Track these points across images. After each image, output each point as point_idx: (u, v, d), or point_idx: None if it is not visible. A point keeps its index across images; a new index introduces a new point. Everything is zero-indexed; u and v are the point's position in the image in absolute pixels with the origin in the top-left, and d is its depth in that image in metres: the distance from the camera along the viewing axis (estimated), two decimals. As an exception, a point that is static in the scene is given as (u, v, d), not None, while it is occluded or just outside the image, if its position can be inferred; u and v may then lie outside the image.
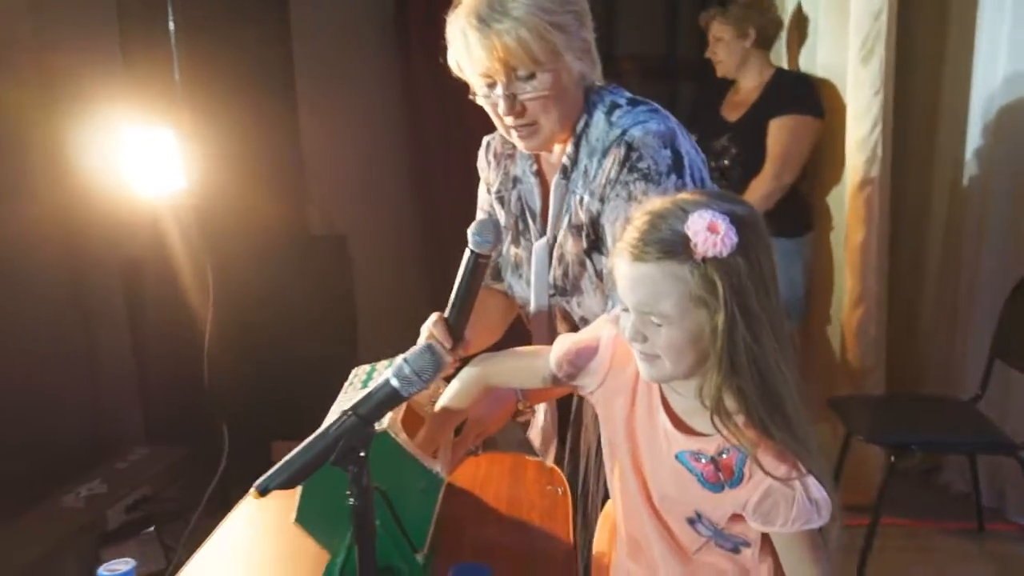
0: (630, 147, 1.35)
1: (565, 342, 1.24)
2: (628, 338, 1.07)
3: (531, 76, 1.34)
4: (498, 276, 1.62)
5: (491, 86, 1.37)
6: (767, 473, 1.05)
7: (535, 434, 1.65)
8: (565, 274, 1.47)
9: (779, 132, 2.84)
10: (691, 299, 1.01)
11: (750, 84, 2.96)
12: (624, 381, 1.16)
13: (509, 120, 1.39)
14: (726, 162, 2.94)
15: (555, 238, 1.48)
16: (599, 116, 1.42)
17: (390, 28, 3.20)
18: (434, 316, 1.39)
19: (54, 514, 2.42)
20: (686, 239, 1.00)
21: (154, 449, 2.74)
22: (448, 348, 1.36)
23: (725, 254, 0.99)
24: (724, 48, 2.94)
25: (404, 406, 1.32)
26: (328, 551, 1.24)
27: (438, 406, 1.31)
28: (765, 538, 1.13)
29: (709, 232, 0.99)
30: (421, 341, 1.39)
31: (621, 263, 1.05)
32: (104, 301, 2.84)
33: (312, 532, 1.24)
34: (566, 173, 1.44)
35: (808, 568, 1.11)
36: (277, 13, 2.91)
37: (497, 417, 1.38)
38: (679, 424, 1.11)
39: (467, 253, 1.37)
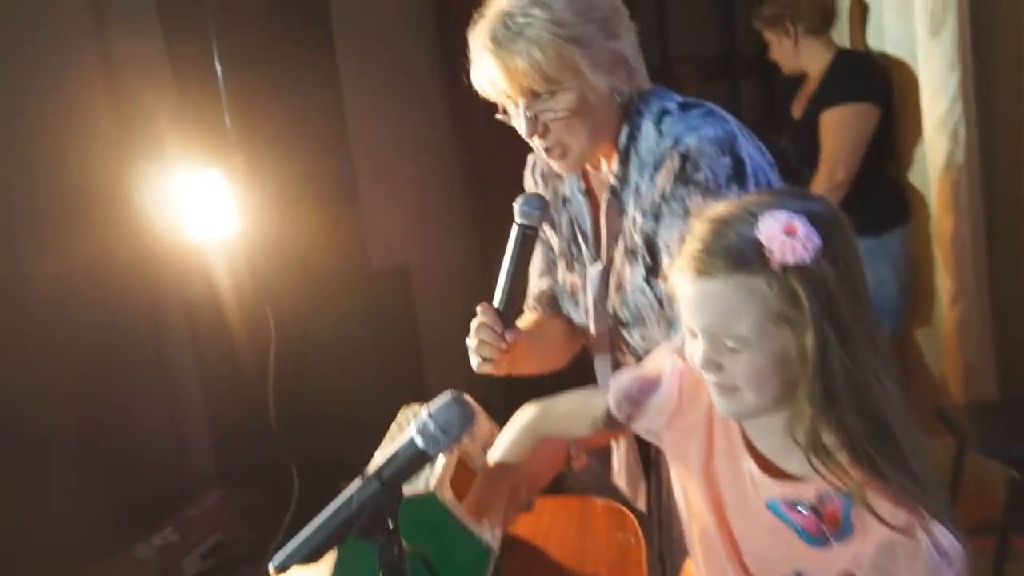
0: (684, 157, 1.22)
1: (624, 378, 1.09)
2: (699, 368, 0.92)
3: (552, 95, 1.23)
4: (555, 305, 1.49)
5: (516, 106, 1.26)
6: (883, 522, 0.87)
7: (619, 478, 1.49)
8: (624, 303, 1.34)
9: (830, 125, 2.62)
10: (771, 317, 0.86)
11: (815, 73, 2.75)
12: (696, 420, 1.01)
13: (536, 142, 1.28)
14: (789, 166, 2.73)
15: (610, 263, 1.35)
16: (647, 126, 1.28)
17: (437, 58, 3.13)
18: (481, 305, 1.29)
19: (129, 566, 2.39)
20: (759, 246, 0.85)
21: (226, 493, 2.69)
22: (498, 333, 1.27)
23: (807, 260, 0.83)
24: (775, 49, 2.76)
25: (456, 458, 1.19)
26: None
27: (490, 461, 1.18)
28: None
29: (786, 235, 0.84)
30: (471, 337, 1.28)
31: (683, 281, 0.90)
32: (173, 346, 2.81)
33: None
34: (615, 193, 1.31)
35: None
36: (324, 52, 2.86)
37: (550, 467, 1.24)
38: (767, 467, 0.94)
39: (513, 228, 1.28)
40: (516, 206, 1.29)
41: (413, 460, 0.90)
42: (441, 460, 1.16)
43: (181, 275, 2.67)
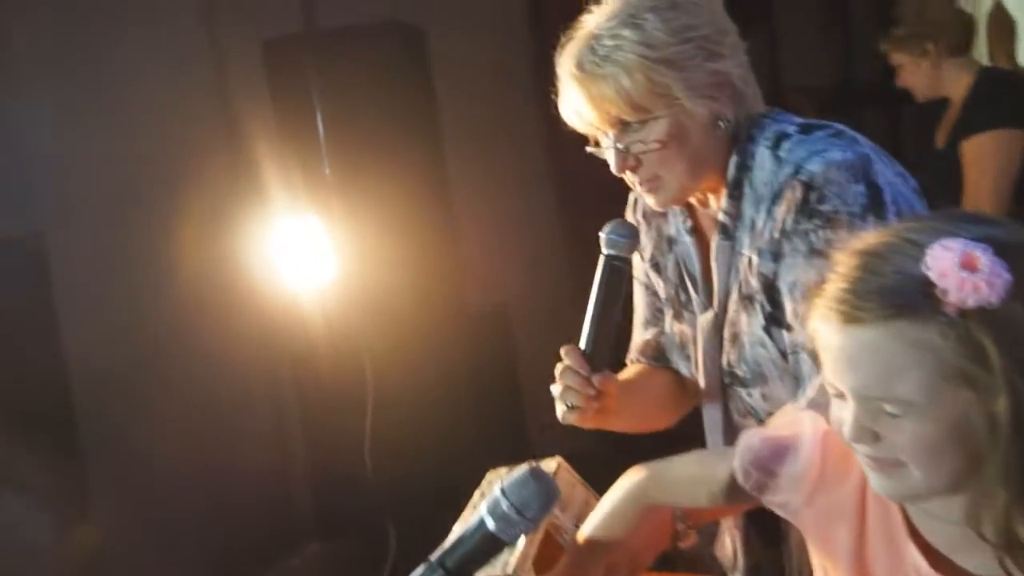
0: (808, 186, 1.06)
1: (754, 439, 0.92)
2: (849, 438, 0.74)
3: (643, 124, 1.10)
4: (662, 358, 1.33)
5: (606, 137, 1.13)
6: None
7: (723, 551, 1.30)
8: (741, 358, 1.17)
9: (972, 155, 2.31)
10: (946, 375, 0.68)
11: (957, 96, 2.46)
12: (845, 497, 0.83)
13: (628, 176, 1.15)
14: (930, 201, 2.46)
15: (724, 312, 1.18)
16: (762, 153, 1.13)
17: (533, 93, 3.07)
18: (566, 347, 1.15)
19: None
20: (927, 284, 0.67)
21: (324, 545, 2.62)
22: (584, 377, 1.12)
23: (995, 301, 0.66)
24: (908, 74, 2.49)
25: (542, 533, 1.04)
26: None
27: (583, 535, 1.02)
28: None
29: (964, 270, 0.66)
30: (556, 383, 1.14)
31: (826, 329, 0.73)
32: (278, 394, 2.80)
33: None
34: (727, 232, 1.16)
35: None
36: (424, 97, 2.83)
37: (654, 544, 1.07)
38: (938, 562, 0.76)
39: (600, 260, 1.15)
40: (602, 235, 1.15)
41: (483, 545, 0.76)
42: (523, 538, 1.00)
43: (287, 323, 2.66)
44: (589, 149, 1.17)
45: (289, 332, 2.67)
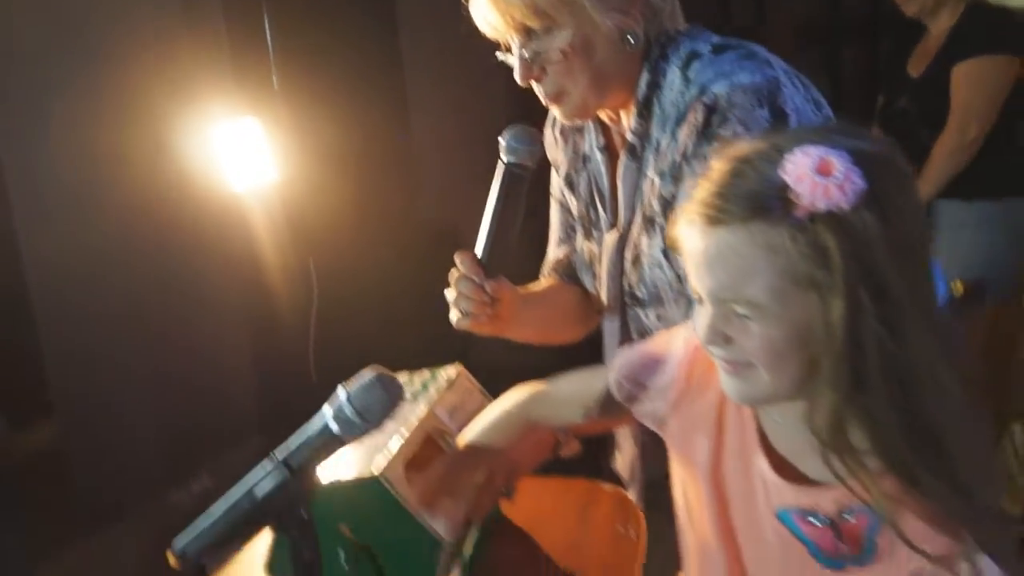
0: (711, 109, 1.03)
1: (628, 354, 0.93)
2: (703, 340, 0.75)
3: (548, 32, 1.05)
4: (573, 275, 1.31)
5: (509, 47, 1.09)
6: (916, 550, 0.69)
7: (622, 464, 1.32)
8: (641, 279, 1.16)
9: (962, 78, 2.36)
10: (793, 277, 0.68)
11: (940, 28, 2.47)
12: (706, 408, 0.84)
13: (534, 87, 1.10)
14: (906, 126, 2.47)
15: (627, 234, 1.16)
16: (673, 72, 1.09)
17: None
18: (460, 253, 1.14)
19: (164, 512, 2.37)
20: (783, 188, 0.67)
21: (265, 441, 2.64)
22: (477, 284, 1.12)
23: (846, 206, 0.65)
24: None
25: (421, 437, 1.04)
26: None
27: (464, 441, 1.02)
28: None
29: (818, 175, 0.65)
30: (449, 290, 1.14)
31: (690, 233, 0.73)
32: (219, 295, 2.76)
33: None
34: (634, 153, 1.13)
35: None
36: (384, 12, 2.74)
37: (535, 454, 1.07)
38: (783, 469, 0.77)
39: (499, 167, 1.12)
40: (501, 141, 1.12)
41: (327, 446, 0.76)
42: (398, 439, 1.00)
43: (233, 226, 2.62)
44: (499, 55, 1.13)
45: (235, 235, 2.63)
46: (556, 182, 1.32)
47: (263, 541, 0.95)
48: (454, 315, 1.15)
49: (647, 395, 0.89)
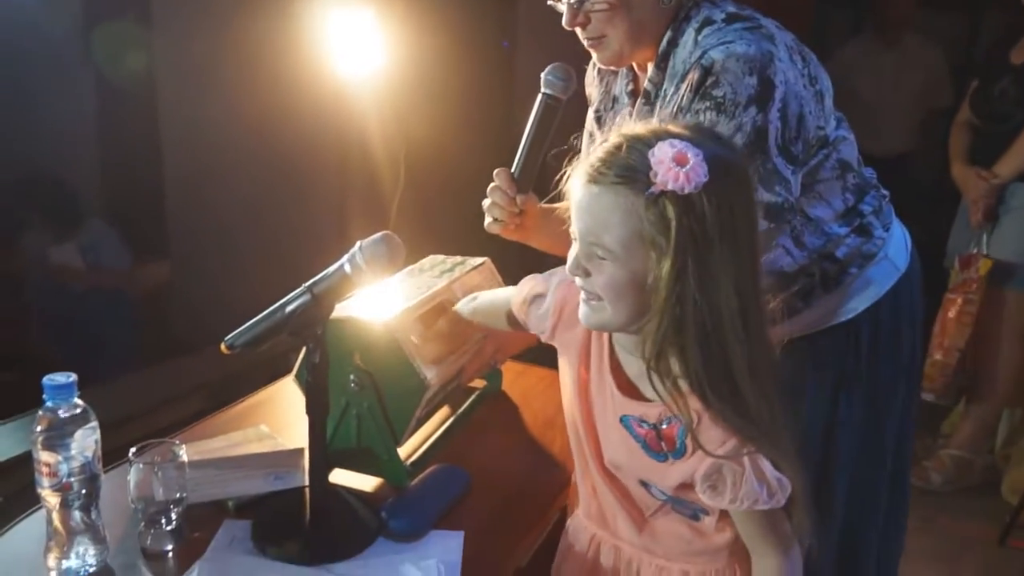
0: (707, 71, 1.21)
1: (528, 282, 1.18)
2: (568, 269, 0.99)
3: None
4: None
5: None
6: (702, 449, 0.95)
7: None
8: None
9: None
10: (640, 237, 0.91)
11: None
12: (576, 337, 1.08)
13: (578, 32, 1.31)
14: (1003, 108, 2.56)
15: None
16: (689, 34, 1.28)
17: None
18: (497, 169, 1.38)
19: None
20: (648, 167, 0.89)
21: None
22: (510, 196, 1.35)
23: (687, 190, 0.87)
24: None
25: (435, 303, 1.33)
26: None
27: (459, 308, 1.31)
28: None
29: (674, 162, 0.88)
30: (486, 200, 1.39)
31: (575, 184, 0.96)
32: (323, 167, 3.08)
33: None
34: (648, 98, 1.33)
35: (766, 547, 1.02)
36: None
37: (516, 339, 1.34)
38: (627, 388, 1.03)
39: (538, 97, 1.34)
40: (542, 76, 1.34)
41: (340, 282, 1.05)
42: (414, 299, 1.30)
43: (329, 107, 2.91)
44: (549, 2, 1.33)
45: (339, 116, 2.92)
46: (589, 115, 1.53)
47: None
48: (487, 220, 1.41)
49: (533, 320, 1.14)
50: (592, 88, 1.50)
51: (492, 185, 1.38)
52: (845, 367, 1.38)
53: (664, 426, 0.98)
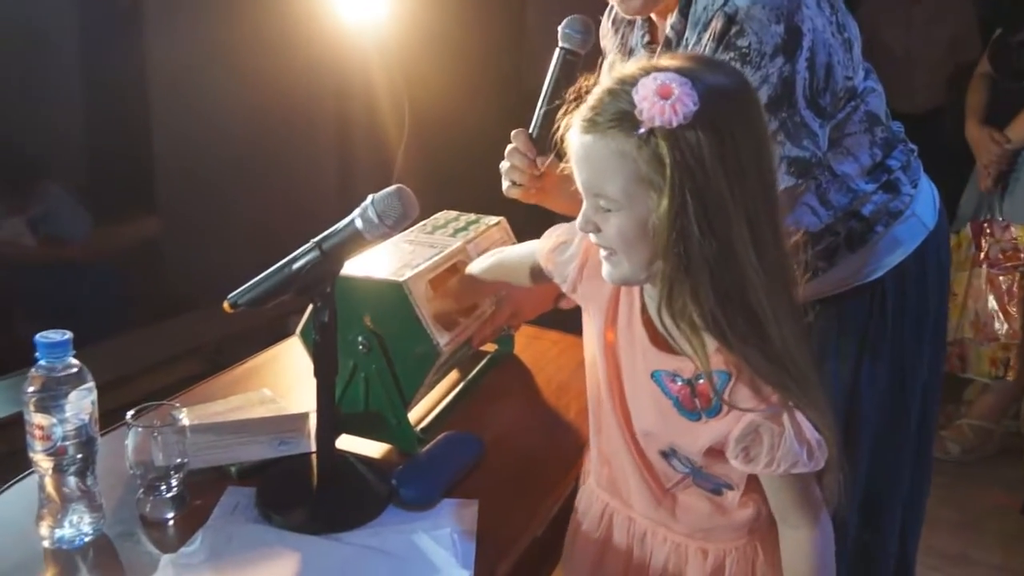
0: (730, 20, 1.17)
1: (555, 230, 1.14)
2: (579, 226, 0.97)
3: None
4: None
5: None
6: (737, 408, 0.92)
7: None
8: None
9: None
10: (639, 180, 0.88)
11: None
12: (603, 289, 1.05)
13: None
14: (1021, 63, 2.50)
15: None
16: None
17: None
18: (515, 131, 1.34)
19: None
20: (634, 106, 0.86)
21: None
22: (530, 159, 1.32)
23: (675, 123, 0.84)
24: None
25: (449, 263, 1.30)
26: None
27: (467, 270, 1.27)
28: (751, 482, 1.01)
29: (657, 97, 0.84)
30: (504, 162, 1.36)
31: (572, 135, 0.93)
32: (321, 118, 3.03)
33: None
34: (669, 46, 1.29)
35: (799, 517, 0.99)
36: None
37: (533, 302, 1.31)
38: (658, 340, 0.99)
39: (556, 52, 1.31)
40: (559, 29, 1.30)
41: (351, 238, 1.02)
42: (428, 259, 1.27)
43: (330, 53, 2.85)
44: None
45: (341, 63, 2.87)
46: (604, 68, 1.48)
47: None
48: (505, 183, 1.37)
49: (559, 266, 1.11)
50: (607, 40, 1.46)
51: (510, 147, 1.34)
52: (869, 330, 1.36)
53: (700, 381, 0.95)
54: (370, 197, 1.01)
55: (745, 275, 0.87)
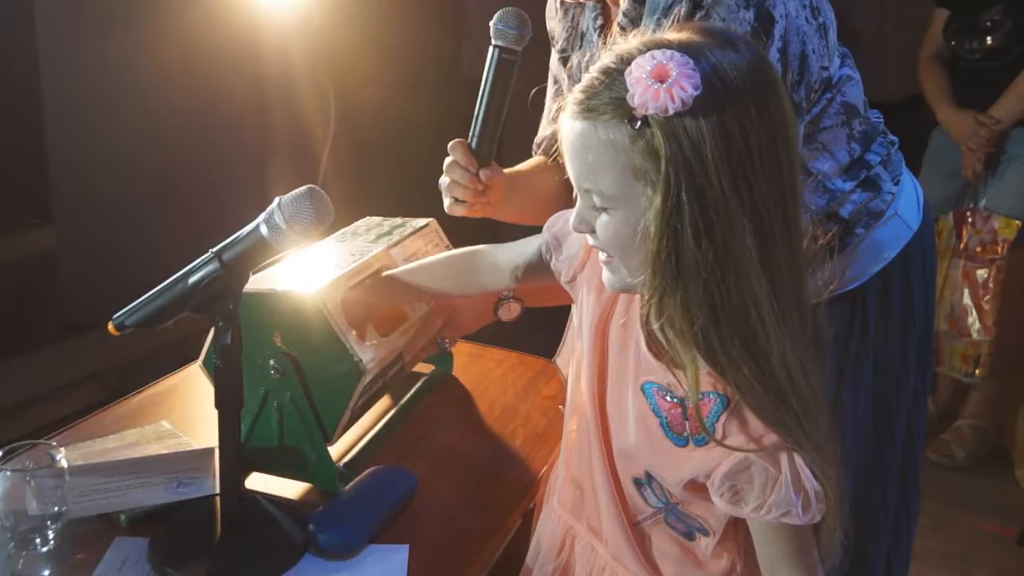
0: (695, 4, 1.15)
1: (558, 215, 1.12)
2: (572, 226, 0.93)
3: None
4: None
5: None
6: (718, 442, 0.88)
7: (563, 361, 1.50)
8: None
9: None
10: (633, 173, 0.83)
11: None
12: (596, 283, 1.01)
13: None
14: (993, 42, 2.56)
15: None
16: None
17: None
18: (453, 142, 1.30)
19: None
20: (625, 90, 0.82)
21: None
22: (471, 173, 1.28)
23: (672, 110, 0.80)
24: None
25: (369, 271, 1.26)
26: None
27: (388, 272, 1.24)
28: (729, 530, 0.98)
29: (652, 80, 0.80)
30: (443, 178, 1.32)
31: (564, 119, 0.89)
32: (238, 110, 2.97)
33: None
34: (623, 34, 1.25)
35: (788, 572, 0.93)
36: None
37: (470, 311, 1.27)
38: (656, 348, 0.94)
39: (490, 51, 1.26)
40: (491, 25, 1.25)
41: (256, 247, 0.97)
42: (346, 266, 1.22)
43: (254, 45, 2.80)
44: None
45: (255, 52, 2.81)
46: (553, 57, 1.45)
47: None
48: (447, 201, 1.33)
49: (562, 250, 1.08)
50: (555, 22, 1.42)
51: (449, 161, 1.30)
52: (850, 344, 1.34)
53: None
54: (277, 200, 0.96)
55: (746, 291, 0.83)
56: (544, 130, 1.50)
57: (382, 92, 2.73)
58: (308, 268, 1.23)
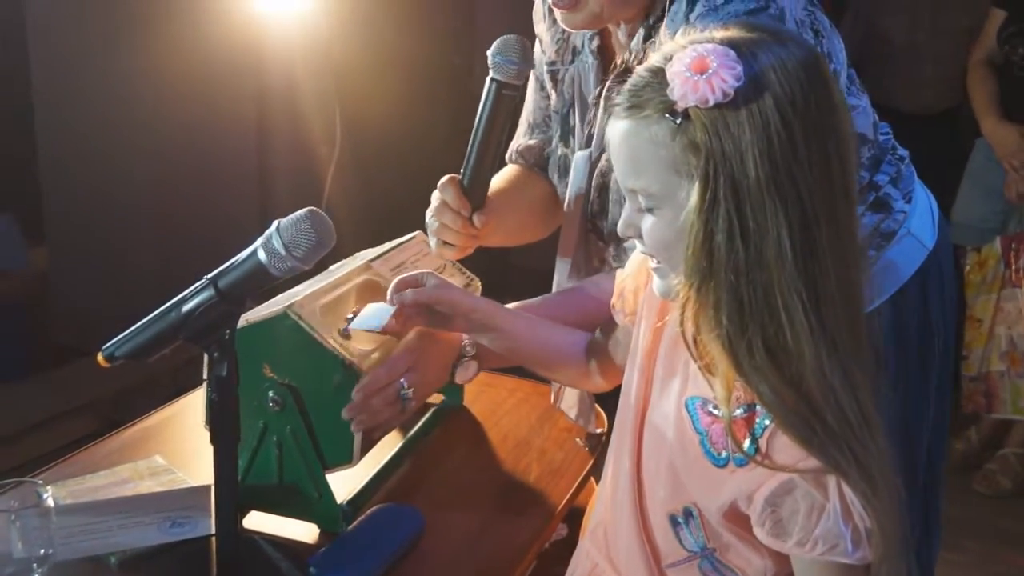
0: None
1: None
2: (621, 233, 0.95)
3: None
4: (543, 165, 1.48)
5: None
6: (760, 460, 0.87)
7: (568, 404, 1.48)
8: (604, 210, 1.31)
9: None
10: (675, 169, 0.86)
11: None
12: (653, 301, 1.02)
13: None
14: None
15: (599, 158, 1.30)
16: (679, 8, 1.19)
17: None
18: (444, 181, 1.30)
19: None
20: (666, 83, 0.84)
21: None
22: (464, 217, 1.28)
23: (711, 101, 0.81)
24: None
25: (348, 283, 1.24)
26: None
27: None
28: None
29: (691, 72, 0.82)
30: (431, 216, 1.31)
31: (609, 123, 0.91)
32: (240, 127, 3.00)
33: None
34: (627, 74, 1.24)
35: None
36: None
37: (436, 368, 1.19)
38: (698, 354, 0.93)
39: (487, 82, 1.26)
40: (489, 55, 1.23)
41: (253, 273, 0.96)
42: (322, 281, 1.22)
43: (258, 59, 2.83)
44: None
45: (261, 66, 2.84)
46: (539, 59, 1.42)
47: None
48: (434, 242, 1.32)
49: (624, 305, 1.09)
50: (543, 28, 1.41)
51: (438, 203, 1.29)
52: None
53: (738, 414, 0.89)
54: (276, 223, 0.96)
55: (776, 293, 0.82)
56: (525, 138, 1.49)
57: (390, 107, 2.75)
58: (286, 296, 1.22)
